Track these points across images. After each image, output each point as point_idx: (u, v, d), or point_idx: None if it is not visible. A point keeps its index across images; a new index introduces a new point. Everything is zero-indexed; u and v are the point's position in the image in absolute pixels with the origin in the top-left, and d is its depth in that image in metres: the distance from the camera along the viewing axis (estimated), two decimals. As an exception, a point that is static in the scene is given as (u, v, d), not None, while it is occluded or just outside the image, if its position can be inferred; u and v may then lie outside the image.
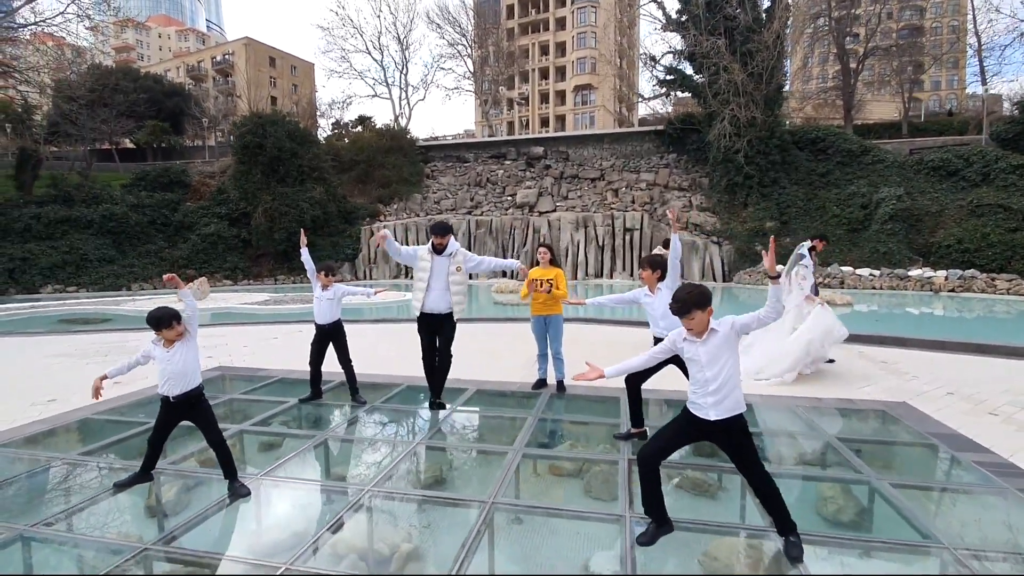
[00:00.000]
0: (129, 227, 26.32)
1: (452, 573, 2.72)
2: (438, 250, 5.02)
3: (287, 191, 27.78)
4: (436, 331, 5.15)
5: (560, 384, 5.99)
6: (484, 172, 32.11)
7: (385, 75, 48.99)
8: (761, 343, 6.90)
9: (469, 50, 50.40)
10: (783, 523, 2.89)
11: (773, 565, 2.96)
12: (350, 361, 5.79)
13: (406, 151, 33.62)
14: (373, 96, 63.19)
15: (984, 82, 32.04)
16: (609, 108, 61.75)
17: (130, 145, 44.10)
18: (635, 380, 4.42)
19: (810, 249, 7.06)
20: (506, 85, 58.25)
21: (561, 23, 62.38)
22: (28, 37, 26.05)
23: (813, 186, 24.50)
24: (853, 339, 8.75)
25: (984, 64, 31.55)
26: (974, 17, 31.26)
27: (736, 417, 2.80)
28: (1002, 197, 20.05)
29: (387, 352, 8.40)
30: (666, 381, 4.81)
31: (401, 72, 49.73)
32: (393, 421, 5.41)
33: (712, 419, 2.78)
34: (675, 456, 4.21)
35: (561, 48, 63.21)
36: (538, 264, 5.98)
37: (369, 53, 53.82)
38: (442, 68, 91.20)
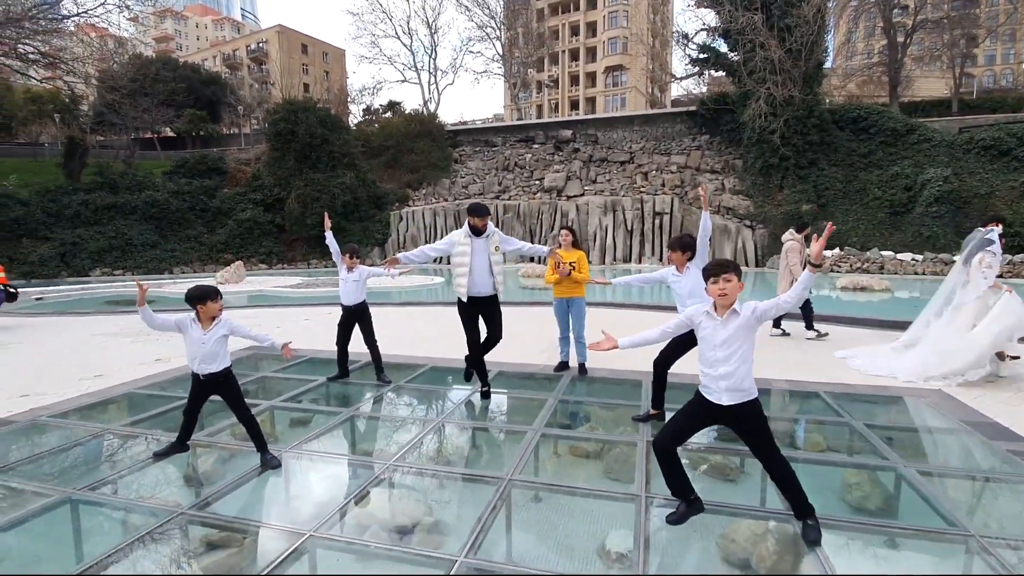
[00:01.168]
0: (170, 213, 27.30)
1: (464, 548, 2.80)
2: (477, 232, 4.83)
3: (318, 177, 28.29)
4: (482, 313, 5.03)
5: (582, 367, 6.03)
6: (512, 156, 31.96)
7: (414, 60, 49.03)
8: (928, 340, 6.07)
9: (498, 32, 49.94)
10: (800, 507, 2.87)
11: (791, 547, 2.94)
12: (375, 341, 5.94)
13: (434, 136, 33.73)
14: (403, 81, 63.47)
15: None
16: (641, 89, 60.38)
17: (170, 134, 45.52)
18: (662, 363, 4.42)
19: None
20: (535, 67, 57.58)
21: (592, 2, 60.96)
22: (72, 28, 27.05)
23: (853, 167, 23.54)
24: (893, 326, 8.48)
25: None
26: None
27: (749, 402, 2.77)
28: (1059, 178, 18.90)
29: (411, 334, 8.56)
30: (694, 366, 4.77)
31: (430, 56, 49.86)
32: (417, 400, 5.54)
33: (724, 404, 2.76)
34: (702, 440, 4.22)
35: (592, 28, 61.89)
36: (560, 247, 5.96)
37: (398, 38, 54.17)
38: (471, 51, 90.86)
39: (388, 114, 42.69)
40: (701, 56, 26.59)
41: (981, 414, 4.70)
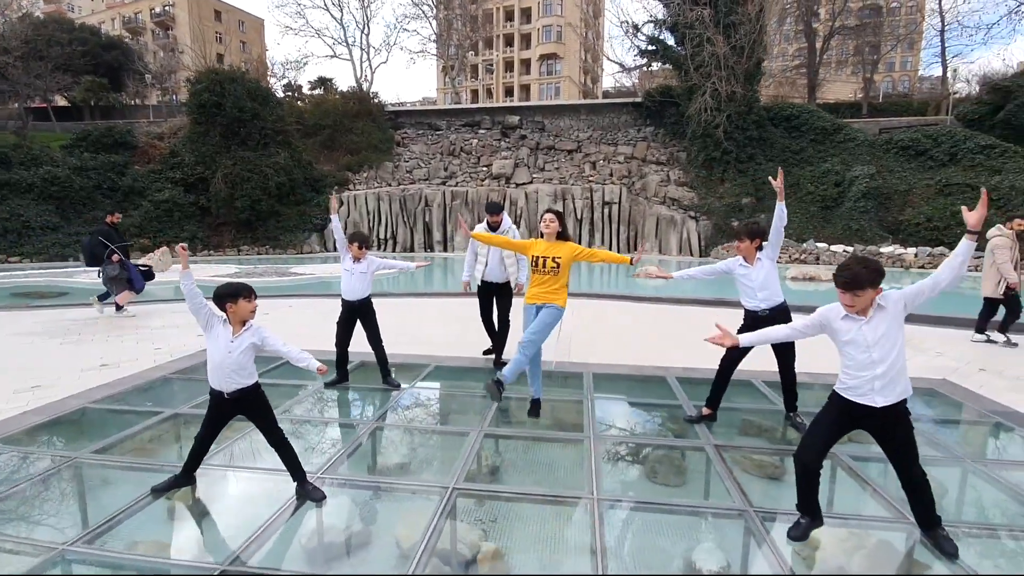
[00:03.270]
0: (73, 192, 24.13)
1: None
2: (493, 227, 5.49)
3: (249, 155, 26.03)
4: (494, 296, 5.86)
5: (535, 405, 4.34)
6: (458, 141, 31.09)
7: (345, 34, 46.21)
8: None
9: (434, 11, 48.15)
10: (930, 517, 2.73)
11: (895, 555, 2.81)
12: (381, 341, 5.33)
13: (374, 116, 32.09)
14: (332, 57, 59.54)
15: (944, 63, 33.30)
16: (575, 79, 60.89)
17: (65, 103, 40.28)
18: (730, 361, 4.20)
19: None
20: (472, 51, 56.36)
21: (527, -12, 60.48)
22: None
23: (787, 163, 24.87)
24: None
25: (946, 45, 32.83)
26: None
27: (902, 402, 2.57)
28: (970, 176, 20.92)
29: (391, 329, 7.90)
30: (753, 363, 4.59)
31: (362, 32, 47.32)
32: (438, 406, 5.03)
33: (879, 406, 2.53)
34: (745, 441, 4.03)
35: (526, 14, 61.46)
36: (541, 236, 4.37)
37: (327, 9, 50.88)
38: (405, 29, 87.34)
39: (318, 91, 40.14)
40: (649, 48, 26.96)
41: (998, 403, 4.87)
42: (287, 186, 26.64)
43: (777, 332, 2.81)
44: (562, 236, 4.28)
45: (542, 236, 4.33)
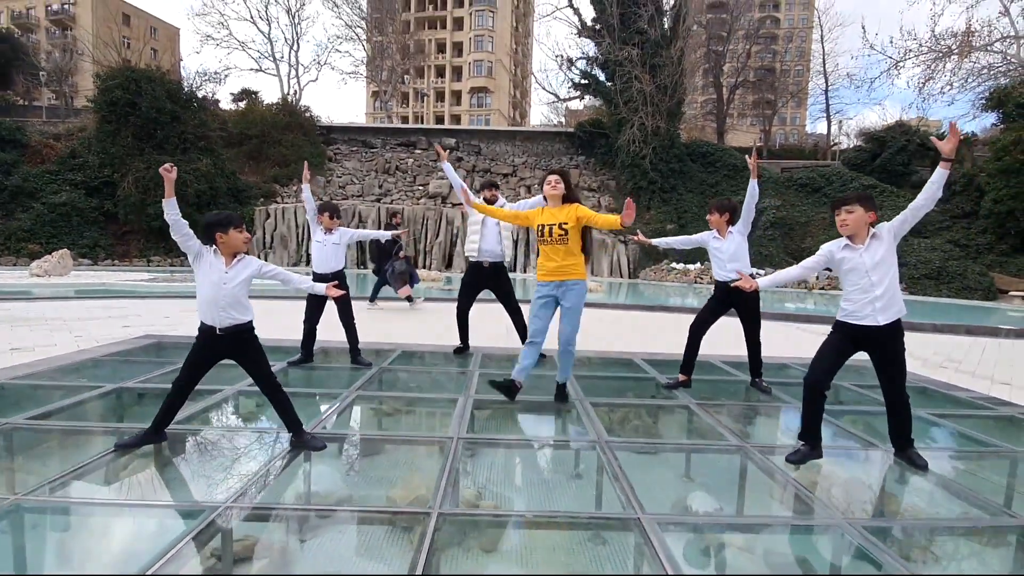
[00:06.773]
0: (-52, 190, 21.22)
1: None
2: (489, 202, 5.17)
3: (166, 160, 24.05)
4: (487, 282, 5.39)
5: (561, 390, 4.01)
6: (393, 160, 30.79)
7: (272, 49, 44.34)
8: None
9: (367, 34, 48.01)
10: (906, 436, 3.01)
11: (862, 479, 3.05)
12: (353, 318, 5.11)
13: (306, 129, 31.08)
14: (257, 71, 57.59)
15: (828, 117, 38.10)
16: (504, 113, 62.84)
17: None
18: (697, 329, 4.46)
19: None
20: (404, 77, 56.65)
21: (459, 23, 62.28)
22: None
23: (704, 195, 26.89)
24: (788, 319, 9.71)
25: (829, 103, 37.58)
26: (824, 60, 37.00)
27: (898, 320, 2.85)
28: (856, 212, 23.70)
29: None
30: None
31: (292, 48, 46.16)
32: (417, 380, 4.86)
33: (881, 324, 2.80)
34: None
35: (458, 48, 63.06)
36: (544, 203, 3.88)
37: (254, 23, 49.47)
38: (337, 50, 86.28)
39: (242, 103, 38.35)
40: (582, 81, 28.47)
41: (921, 376, 5.48)
42: (208, 195, 24.94)
43: (789, 273, 3.07)
44: (568, 200, 3.76)
45: (544, 202, 3.83)
